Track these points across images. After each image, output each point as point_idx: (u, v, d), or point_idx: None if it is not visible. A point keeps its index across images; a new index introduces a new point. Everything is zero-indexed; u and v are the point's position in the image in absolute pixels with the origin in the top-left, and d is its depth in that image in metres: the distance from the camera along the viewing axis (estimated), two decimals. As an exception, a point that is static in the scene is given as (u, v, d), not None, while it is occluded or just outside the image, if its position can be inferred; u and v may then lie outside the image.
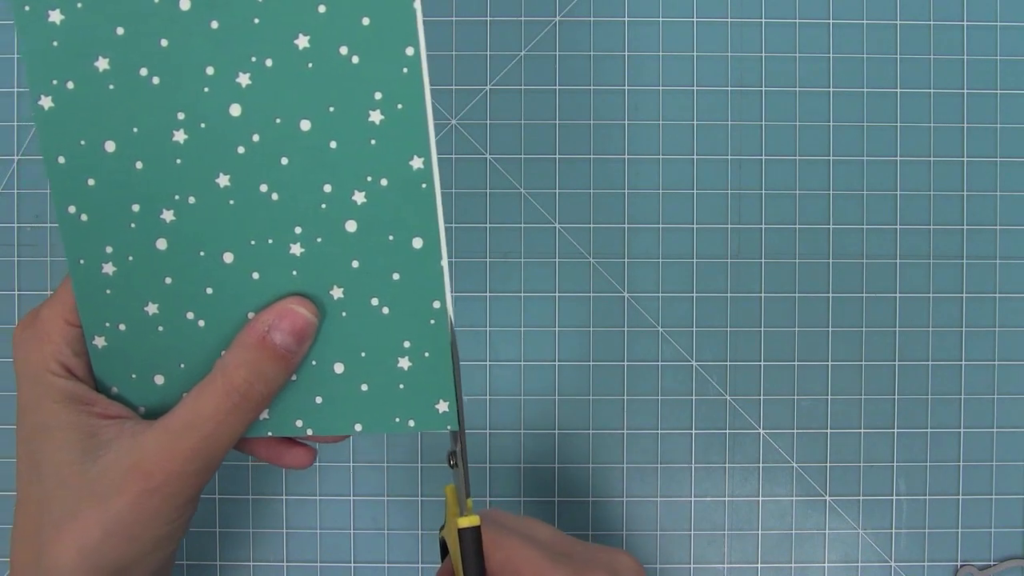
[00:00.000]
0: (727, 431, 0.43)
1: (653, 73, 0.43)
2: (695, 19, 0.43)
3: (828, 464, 0.43)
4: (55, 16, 0.29)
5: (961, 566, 0.43)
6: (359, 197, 0.29)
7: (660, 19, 0.43)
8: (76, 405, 0.29)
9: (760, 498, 0.43)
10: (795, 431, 0.43)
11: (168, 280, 0.30)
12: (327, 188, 0.29)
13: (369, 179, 0.29)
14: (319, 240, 0.30)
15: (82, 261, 0.30)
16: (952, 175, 0.43)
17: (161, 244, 0.30)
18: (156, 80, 0.29)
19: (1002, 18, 0.43)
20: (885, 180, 0.43)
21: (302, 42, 0.29)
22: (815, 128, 0.43)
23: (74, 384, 0.30)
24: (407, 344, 0.30)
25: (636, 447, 0.43)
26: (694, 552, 0.43)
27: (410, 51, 0.28)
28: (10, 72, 0.43)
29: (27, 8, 0.29)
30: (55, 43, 0.29)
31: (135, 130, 0.29)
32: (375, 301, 0.30)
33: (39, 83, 0.29)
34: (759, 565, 0.43)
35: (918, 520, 0.43)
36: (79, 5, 0.29)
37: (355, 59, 0.29)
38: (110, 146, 0.29)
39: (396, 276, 0.30)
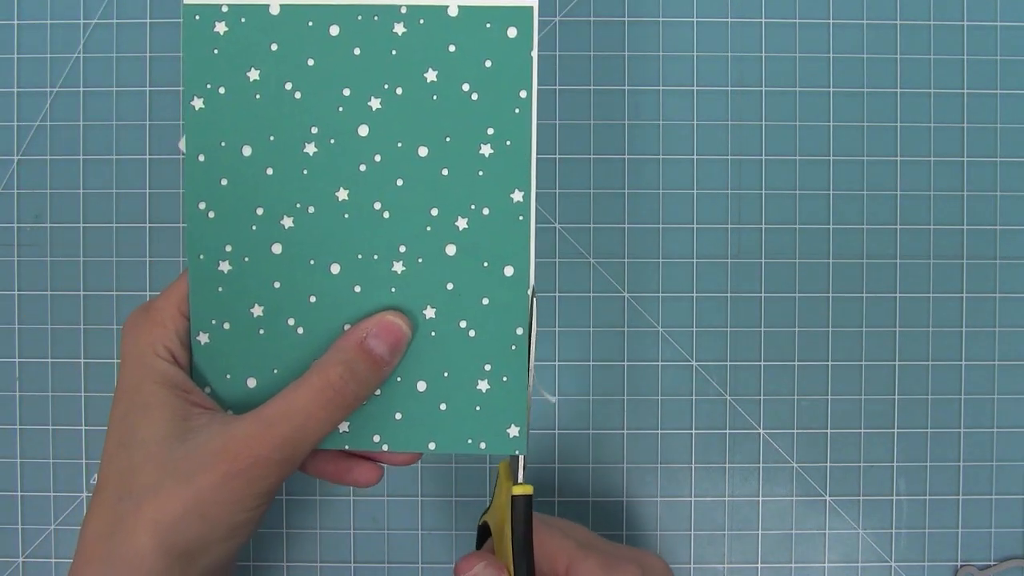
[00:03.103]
0: (727, 431, 0.43)
1: (653, 73, 0.43)
2: (695, 19, 0.43)
3: (828, 464, 0.43)
4: (220, 27, 0.31)
5: (961, 566, 0.43)
6: (462, 223, 0.32)
7: (660, 19, 0.43)
8: (175, 389, 0.31)
9: (760, 498, 0.43)
10: (795, 431, 0.43)
11: (277, 284, 0.32)
12: (434, 212, 0.32)
13: (473, 207, 0.32)
14: (420, 260, 0.32)
15: (202, 256, 0.32)
16: (952, 175, 0.43)
17: (276, 248, 0.32)
18: (298, 95, 0.32)
19: (1002, 18, 0.43)
20: (885, 180, 0.43)
21: (431, 76, 0.31)
22: (815, 128, 0.43)
23: (176, 370, 0.31)
24: (488, 367, 0.32)
25: (636, 447, 0.43)
26: (694, 552, 0.43)
27: (523, 94, 0.32)
28: (10, 72, 0.43)
29: (197, 17, 0.31)
30: (216, 51, 0.31)
31: (271, 138, 0.32)
32: (463, 324, 0.32)
33: (195, 85, 0.32)
34: (759, 565, 0.43)
35: (918, 520, 0.43)
36: (242, 20, 0.31)
37: (474, 96, 0.31)
38: (247, 150, 0.32)
39: (485, 301, 0.32)
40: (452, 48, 0.31)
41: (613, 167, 0.43)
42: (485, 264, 0.32)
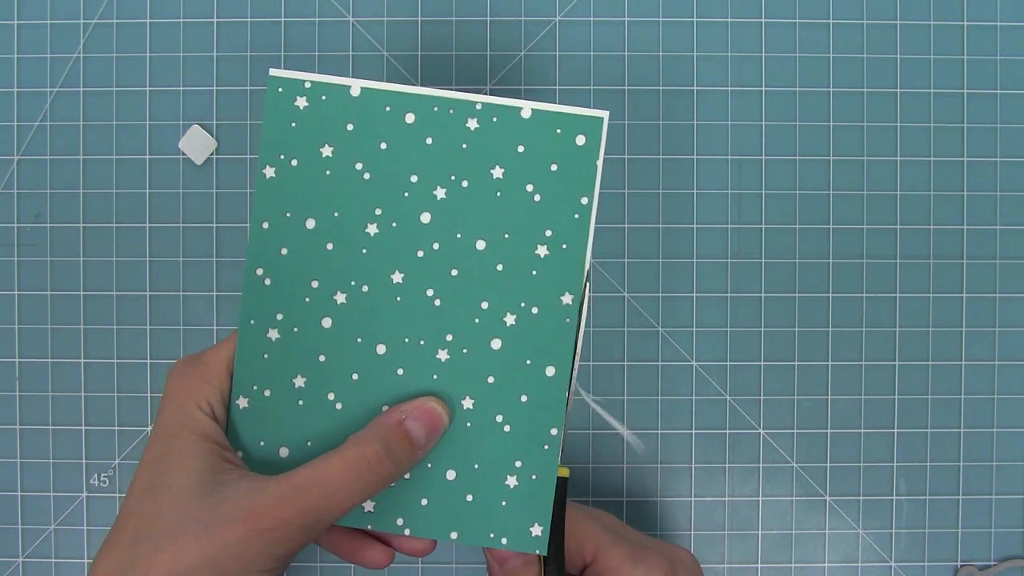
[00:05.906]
0: (727, 431, 0.43)
1: (653, 73, 0.43)
2: (695, 19, 0.43)
3: (828, 464, 0.43)
4: (301, 102, 0.32)
5: (961, 566, 0.43)
6: (510, 319, 0.32)
7: (660, 19, 0.43)
8: (211, 443, 0.31)
9: (760, 498, 0.43)
10: (795, 431, 0.43)
11: (322, 358, 0.33)
12: (484, 305, 0.32)
13: (522, 305, 0.32)
14: (465, 351, 0.32)
15: (252, 322, 0.33)
16: (952, 175, 0.43)
17: (326, 322, 0.33)
18: (367, 176, 0.32)
19: (1002, 18, 0.43)
20: (885, 180, 0.43)
21: (497, 172, 0.32)
22: (815, 128, 0.43)
23: (214, 425, 0.32)
24: (518, 464, 0.32)
25: (636, 447, 0.43)
26: (694, 552, 0.43)
27: (584, 200, 0.32)
28: (10, 72, 0.43)
29: (280, 90, 0.32)
30: (293, 124, 0.32)
31: (336, 214, 0.32)
32: (499, 418, 0.32)
33: (269, 154, 0.32)
34: (759, 565, 0.43)
35: (918, 520, 0.43)
36: (323, 97, 0.32)
37: (537, 197, 0.32)
38: (310, 223, 0.32)
39: (524, 398, 0.32)
40: (521, 148, 0.32)
41: (613, 168, 0.43)
42: (528, 362, 0.32)
